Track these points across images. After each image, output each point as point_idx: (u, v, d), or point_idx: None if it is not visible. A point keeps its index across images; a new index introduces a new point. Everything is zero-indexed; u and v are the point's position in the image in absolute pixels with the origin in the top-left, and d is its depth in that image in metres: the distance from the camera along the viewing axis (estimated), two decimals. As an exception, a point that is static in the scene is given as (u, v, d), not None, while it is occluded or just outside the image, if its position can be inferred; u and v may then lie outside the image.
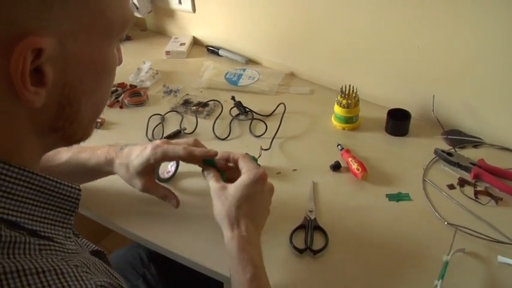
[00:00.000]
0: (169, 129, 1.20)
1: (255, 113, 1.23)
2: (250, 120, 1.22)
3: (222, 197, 0.77)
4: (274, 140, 1.14)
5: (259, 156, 1.06)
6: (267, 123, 1.20)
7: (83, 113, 0.51)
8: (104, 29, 0.49)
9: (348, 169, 1.05)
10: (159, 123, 1.22)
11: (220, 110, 1.26)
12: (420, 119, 1.19)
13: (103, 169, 0.89)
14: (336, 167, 1.06)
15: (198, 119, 1.23)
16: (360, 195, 1.00)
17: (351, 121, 1.17)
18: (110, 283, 0.48)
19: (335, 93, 1.19)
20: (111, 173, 0.91)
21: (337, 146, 1.11)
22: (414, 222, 0.94)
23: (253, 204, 0.77)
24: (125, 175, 0.87)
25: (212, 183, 0.80)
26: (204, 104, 1.28)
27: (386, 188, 1.01)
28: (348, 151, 1.09)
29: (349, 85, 1.16)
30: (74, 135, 0.53)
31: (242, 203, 0.76)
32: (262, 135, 1.17)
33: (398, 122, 1.15)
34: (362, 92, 1.19)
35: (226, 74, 1.41)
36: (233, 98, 1.27)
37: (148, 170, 0.87)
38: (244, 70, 1.42)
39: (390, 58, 1.19)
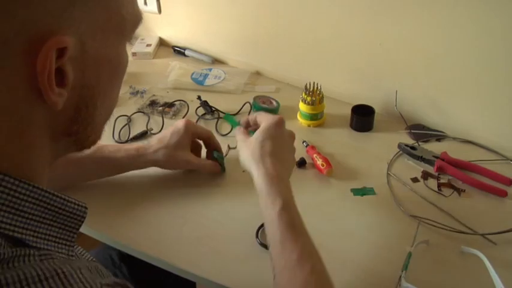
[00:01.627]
0: (136, 130, 1.19)
1: (221, 112, 1.23)
2: (216, 119, 1.22)
3: (246, 142, 0.84)
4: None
5: (226, 155, 1.05)
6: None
7: (97, 116, 0.52)
8: (118, 27, 0.49)
9: (313, 165, 1.05)
10: (126, 124, 1.21)
11: (186, 110, 1.26)
12: (384, 115, 1.20)
13: (133, 162, 0.95)
14: (301, 164, 1.06)
15: (165, 119, 1.23)
16: (325, 191, 1.00)
17: (315, 118, 1.18)
18: (115, 282, 0.48)
19: (300, 91, 1.19)
20: (139, 166, 0.96)
21: (303, 142, 1.11)
22: (378, 216, 0.94)
23: (276, 145, 0.82)
24: (166, 155, 0.94)
25: (238, 135, 0.88)
26: (171, 104, 1.28)
27: (351, 183, 1.01)
28: (313, 147, 1.09)
29: (314, 82, 1.16)
30: (86, 140, 0.53)
31: (265, 144, 0.81)
32: (228, 133, 1.17)
33: (362, 117, 1.16)
34: (326, 89, 1.19)
35: (193, 74, 1.40)
36: (199, 97, 1.27)
37: (187, 145, 0.96)
38: (210, 70, 1.42)
39: (353, 55, 1.20)
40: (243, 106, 1.25)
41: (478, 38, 1.00)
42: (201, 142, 1.05)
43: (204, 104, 1.25)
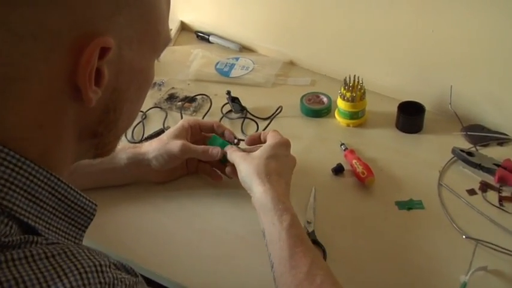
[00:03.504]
0: (151, 128, 1.18)
1: (250, 113, 1.21)
2: (242, 119, 1.20)
3: (248, 159, 0.89)
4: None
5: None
6: (259, 123, 1.19)
7: (121, 121, 0.58)
8: (152, 41, 0.56)
9: (352, 173, 1.04)
10: (140, 122, 1.19)
11: (209, 106, 1.24)
12: (436, 113, 1.17)
13: (133, 160, 0.97)
14: (338, 171, 1.04)
15: (184, 115, 1.21)
16: (365, 203, 0.99)
17: (356, 116, 1.16)
18: (122, 264, 0.55)
19: (339, 84, 1.17)
20: (138, 166, 0.97)
21: (340, 145, 1.10)
22: (427, 235, 0.92)
23: (281, 164, 0.89)
24: (158, 145, 0.96)
25: (236, 152, 0.93)
26: (191, 99, 1.26)
27: (396, 195, 0.99)
28: (352, 152, 1.07)
29: (354, 75, 1.14)
30: (107, 145, 0.60)
31: (270, 161, 0.88)
32: None
33: (410, 117, 1.14)
34: (369, 82, 1.17)
35: (217, 63, 1.39)
36: (228, 93, 1.24)
37: (184, 135, 0.98)
38: (237, 59, 1.40)
39: (401, 43, 1.17)
40: (276, 112, 1.20)
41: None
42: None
43: (233, 100, 1.22)
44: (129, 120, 0.62)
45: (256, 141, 0.97)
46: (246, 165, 0.88)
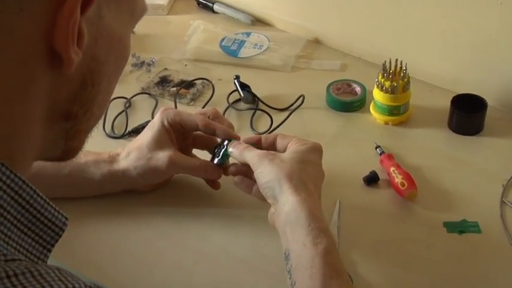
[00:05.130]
0: (137, 119, 1.18)
1: (263, 102, 1.21)
2: (253, 111, 1.20)
3: (275, 160, 0.87)
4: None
5: None
6: (273, 116, 1.18)
7: (96, 104, 0.60)
8: (130, 6, 0.60)
9: (389, 183, 1.03)
10: (123, 111, 1.20)
11: (211, 93, 1.24)
12: (501, 111, 1.17)
13: (110, 178, 0.98)
14: (372, 180, 1.04)
15: (179, 105, 1.21)
16: (404, 223, 0.98)
17: (397, 112, 1.15)
18: (98, 286, 0.52)
19: (376, 70, 1.17)
20: (120, 181, 0.98)
21: (376, 148, 1.09)
22: (485, 266, 0.91)
23: (316, 173, 0.90)
24: (140, 159, 0.96)
25: (251, 150, 0.91)
26: (189, 84, 1.27)
27: (445, 213, 0.99)
28: (390, 157, 1.07)
29: (396, 59, 1.13)
30: (77, 136, 0.61)
31: (305, 166, 0.88)
32: (266, 131, 1.16)
33: (467, 114, 1.14)
34: (415, 69, 1.17)
35: (223, 40, 1.39)
36: (237, 78, 1.25)
37: (168, 140, 0.97)
38: (248, 35, 1.41)
39: (458, 18, 1.17)
40: (295, 103, 1.20)
41: None
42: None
43: (242, 87, 1.22)
44: (104, 104, 0.63)
45: (263, 144, 0.96)
46: (274, 168, 0.86)
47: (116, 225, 0.98)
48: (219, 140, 0.98)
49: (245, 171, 0.94)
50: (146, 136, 0.97)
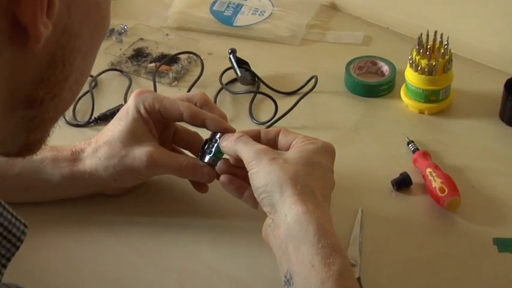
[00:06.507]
0: (106, 103, 1.21)
1: (265, 84, 1.22)
2: (252, 95, 1.20)
3: (278, 159, 0.87)
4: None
5: None
6: (278, 101, 1.18)
7: (67, 87, 0.61)
8: None
9: (425, 188, 1.03)
10: (87, 92, 1.22)
11: (199, 71, 1.25)
12: None
13: (73, 180, 0.97)
14: (403, 183, 1.04)
15: (159, 85, 1.24)
16: (443, 239, 0.99)
17: (436, 99, 1.16)
18: None
19: (409, 45, 1.17)
20: (86, 185, 0.99)
21: (408, 144, 1.10)
22: None
23: (326, 180, 0.89)
24: (111, 158, 0.95)
25: (247, 143, 0.91)
26: (171, 59, 1.28)
27: (495, 228, 0.99)
28: (426, 155, 1.07)
29: (435, 32, 1.14)
30: (43, 125, 0.63)
31: (314, 171, 0.87)
32: (269, 121, 1.16)
33: None
34: (459, 44, 1.19)
35: (214, 3, 1.41)
36: (232, 52, 1.25)
37: (146, 132, 0.96)
38: None
39: None
40: (306, 86, 1.20)
41: None
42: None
43: (239, 64, 1.22)
44: (77, 87, 0.64)
45: (263, 140, 0.96)
46: (274, 169, 0.85)
47: (80, 238, 0.98)
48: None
49: (236, 170, 0.93)
50: (118, 126, 0.96)
